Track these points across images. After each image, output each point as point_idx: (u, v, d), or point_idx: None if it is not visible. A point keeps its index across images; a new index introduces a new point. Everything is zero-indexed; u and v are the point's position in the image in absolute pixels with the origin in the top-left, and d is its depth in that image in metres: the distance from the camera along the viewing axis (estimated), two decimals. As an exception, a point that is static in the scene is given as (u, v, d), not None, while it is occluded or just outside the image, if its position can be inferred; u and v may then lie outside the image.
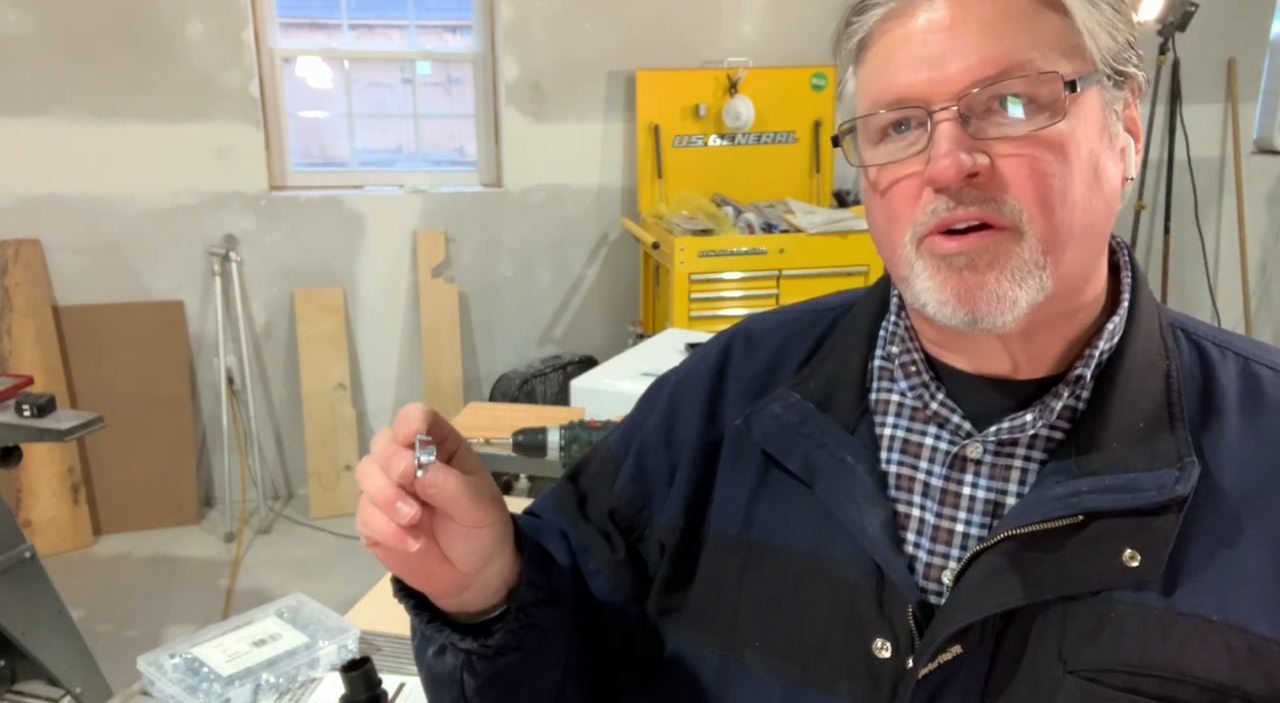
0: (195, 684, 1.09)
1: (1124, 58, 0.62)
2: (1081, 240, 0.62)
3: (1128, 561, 0.61)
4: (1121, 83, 0.63)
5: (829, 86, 3.97)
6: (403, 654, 1.19)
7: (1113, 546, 0.61)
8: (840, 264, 3.60)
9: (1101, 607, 0.61)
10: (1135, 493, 0.61)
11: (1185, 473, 0.61)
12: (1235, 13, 4.42)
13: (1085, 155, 0.61)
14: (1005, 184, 0.60)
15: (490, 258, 3.92)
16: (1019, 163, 0.60)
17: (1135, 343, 0.66)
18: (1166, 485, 0.61)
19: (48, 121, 3.36)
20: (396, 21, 3.98)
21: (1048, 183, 0.60)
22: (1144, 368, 0.66)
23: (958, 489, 0.67)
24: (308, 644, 1.17)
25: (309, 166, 3.89)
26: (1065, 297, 0.64)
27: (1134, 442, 0.63)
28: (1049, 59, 0.60)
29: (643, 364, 2.48)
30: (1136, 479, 0.62)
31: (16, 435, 2.07)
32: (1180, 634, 0.60)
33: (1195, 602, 0.60)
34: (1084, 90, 0.61)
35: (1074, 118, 0.61)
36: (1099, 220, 0.63)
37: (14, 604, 2.08)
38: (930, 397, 0.69)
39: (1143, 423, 0.64)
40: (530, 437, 1.49)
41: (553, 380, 3.83)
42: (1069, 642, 0.61)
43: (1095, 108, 0.62)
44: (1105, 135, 0.63)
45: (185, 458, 3.62)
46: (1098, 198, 0.62)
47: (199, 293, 3.63)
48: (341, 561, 3.40)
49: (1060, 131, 0.60)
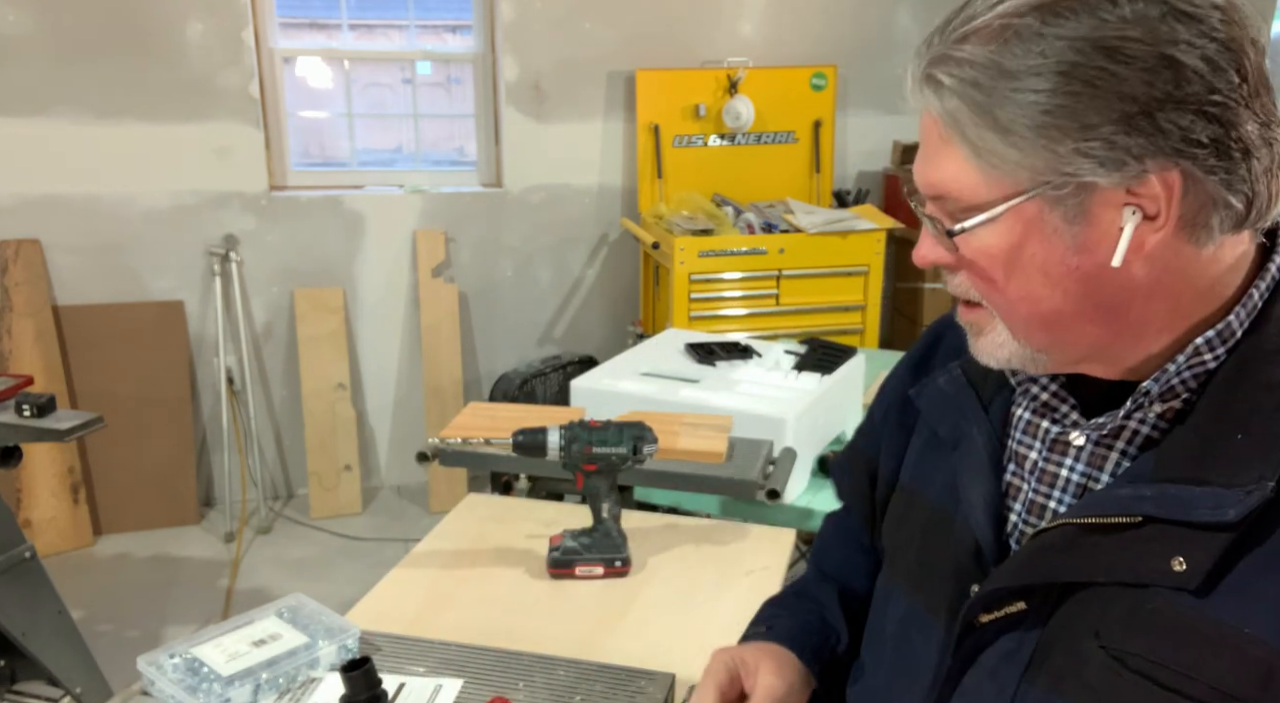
0: (195, 684, 1.09)
1: (1071, 167, 0.63)
2: (1053, 327, 0.69)
3: (1174, 565, 0.64)
4: (1090, 186, 0.64)
5: (829, 86, 3.97)
6: (403, 654, 1.19)
7: (1164, 549, 0.65)
8: (840, 264, 3.60)
9: (1142, 598, 0.66)
10: (1189, 509, 0.64)
11: (1249, 498, 0.62)
12: (1235, 13, 4.42)
13: (1020, 266, 0.68)
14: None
15: (490, 258, 3.92)
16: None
17: (1257, 356, 0.67)
18: (1222, 506, 0.63)
19: (48, 121, 3.36)
20: (396, 21, 3.98)
21: (980, 287, 0.71)
22: (1261, 382, 0.66)
23: (1056, 470, 0.75)
24: (308, 644, 1.17)
25: (309, 166, 3.89)
26: (1086, 354, 0.72)
27: (1220, 454, 0.65)
28: (958, 192, 0.68)
29: (643, 364, 2.47)
30: (1198, 494, 0.64)
31: (16, 435, 2.07)
32: (1203, 638, 0.63)
33: (1230, 613, 0.63)
34: (979, 226, 0.67)
35: (987, 237, 0.68)
36: (1073, 307, 0.68)
37: (14, 604, 2.08)
38: (1043, 389, 0.77)
39: (1241, 436, 0.65)
40: (530, 437, 1.49)
41: (553, 380, 3.83)
42: (1107, 623, 0.67)
43: (1039, 221, 0.66)
44: (1061, 239, 0.66)
45: (185, 458, 3.62)
46: (1054, 292, 0.67)
47: (199, 293, 3.63)
48: (341, 561, 3.40)
49: (967, 252, 0.70)
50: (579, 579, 1.52)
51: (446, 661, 1.18)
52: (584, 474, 1.51)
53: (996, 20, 0.64)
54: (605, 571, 1.52)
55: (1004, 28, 0.63)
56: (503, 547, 1.63)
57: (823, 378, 2.39)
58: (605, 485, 1.52)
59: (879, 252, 3.62)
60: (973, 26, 0.65)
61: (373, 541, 3.54)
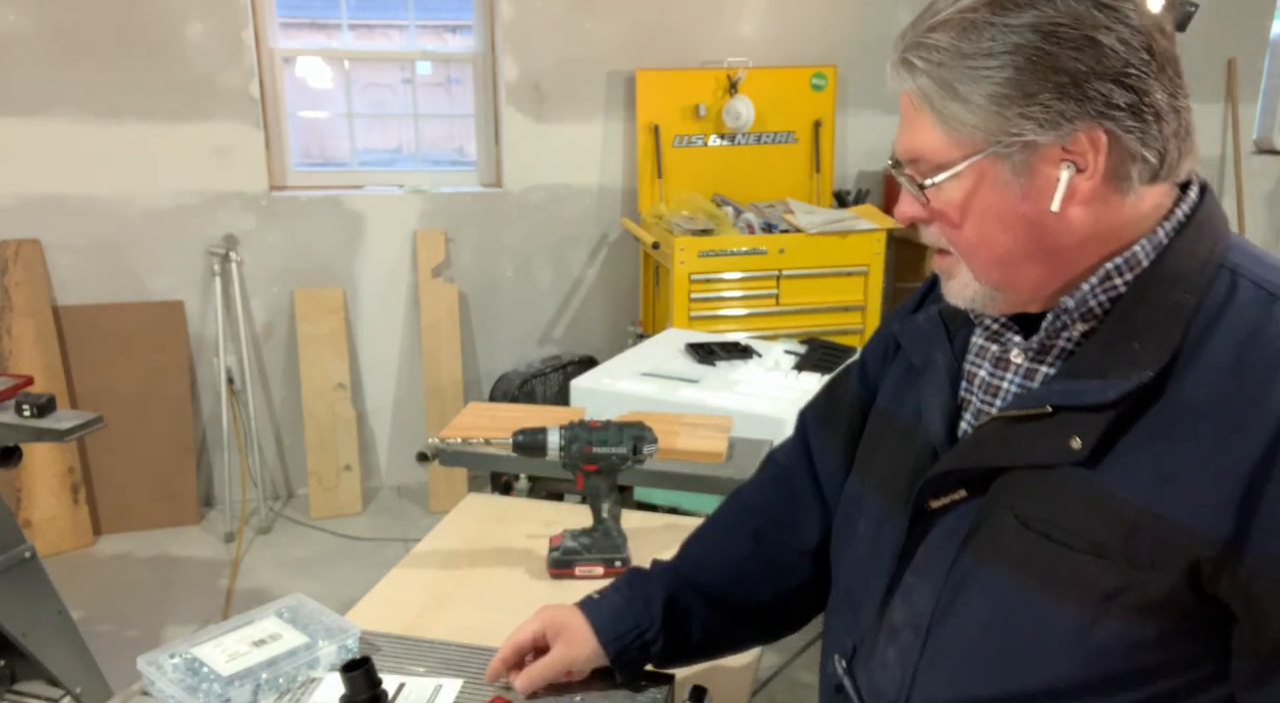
0: (195, 684, 1.09)
1: (1016, 129, 0.78)
2: (1005, 266, 0.84)
3: (1072, 444, 0.79)
4: (1032, 144, 0.78)
5: (829, 86, 3.97)
6: (403, 654, 1.19)
7: (1065, 432, 0.80)
8: (840, 264, 3.60)
9: (1049, 476, 0.81)
10: (1083, 395, 0.80)
11: (1126, 383, 0.77)
12: (1235, 13, 4.42)
13: (978, 214, 0.82)
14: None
15: (490, 258, 3.92)
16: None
17: (1156, 283, 0.81)
18: (1107, 392, 0.78)
19: (48, 121, 3.36)
20: (396, 21, 3.98)
21: (948, 233, 0.86)
22: (1159, 302, 0.80)
23: (998, 384, 0.91)
24: (308, 644, 1.17)
25: (309, 166, 3.90)
26: (1031, 294, 0.86)
27: (1119, 357, 0.79)
28: (929, 154, 0.83)
29: (643, 364, 2.47)
30: (1092, 385, 0.79)
31: (16, 435, 2.07)
32: (1087, 503, 0.79)
33: (1110, 481, 0.78)
34: (950, 179, 0.82)
35: (952, 191, 0.83)
36: (1021, 249, 0.83)
37: (14, 604, 2.08)
38: (994, 320, 0.92)
39: (1138, 344, 0.79)
40: (530, 437, 1.49)
41: (553, 380, 3.83)
42: (1021, 497, 0.83)
43: (991, 174, 0.81)
44: (1011, 189, 0.81)
45: (185, 458, 3.62)
46: (1007, 236, 0.82)
47: (199, 293, 3.63)
48: (341, 560, 3.40)
49: (937, 204, 0.84)
50: (579, 579, 1.52)
51: (446, 661, 1.18)
52: (584, 474, 1.51)
53: (956, 15, 0.80)
54: (605, 571, 1.52)
55: (962, 19, 0.79)
56: (503, 547, 1.63)
57: (822, 378, 2.39)
58: (605, 485, 1.52)
59: (879, 252, 3.63)
60: (938, 19, 0.81)
61: (373, 540, 3.54)
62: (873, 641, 0.94)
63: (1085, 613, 0.78)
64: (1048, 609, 0.80)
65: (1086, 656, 0.79)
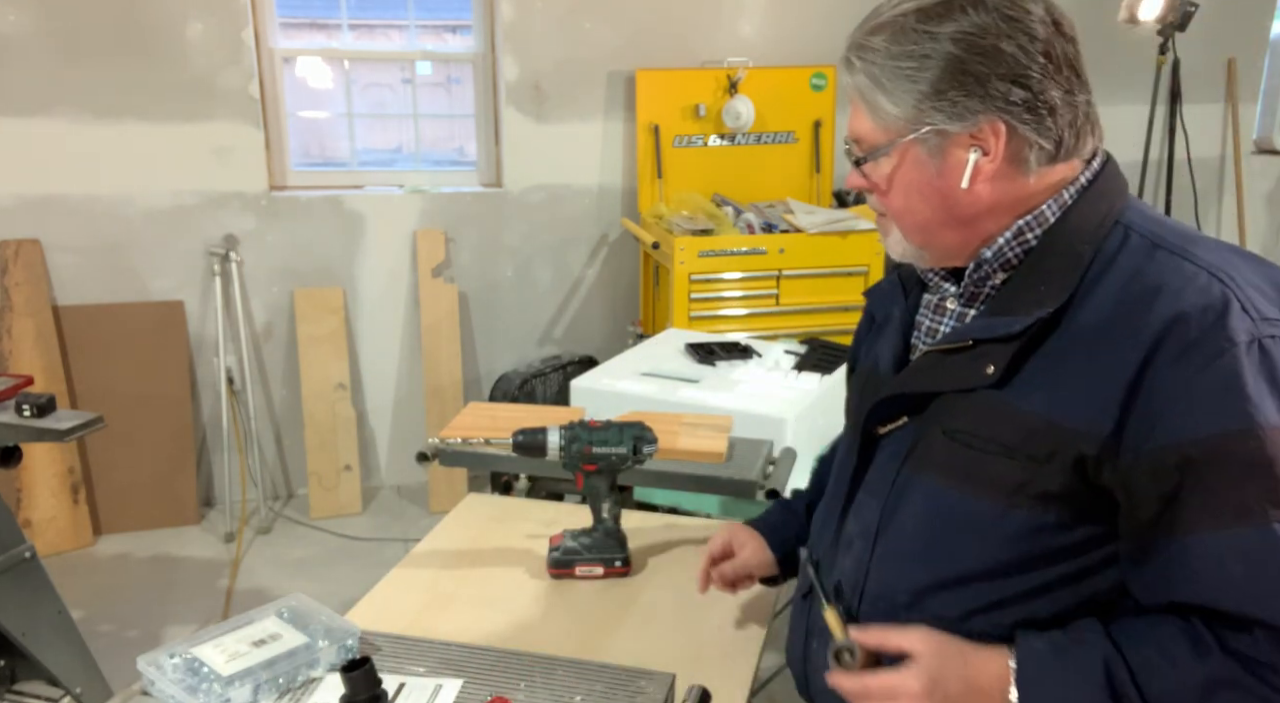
0: (195, 684, 1.09)
1: (931, 119, 0.94)
2: (925, 230, 1.01)
3: (987, 371, 0.95)
4: (944, 132, 0.95)
5: (829, 86, 3.97)
6: (403, 654, 1.19)
7: (982, 360, 0.96)
8: (840, 264, 3.60)
9: (970, 397, 0.98)
10: (996, 329, 0.95)
11: (1029, 317, 0.93)
12: (1235, 13, 4.42)
13: (902, 187, 1.00)
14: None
15: (490, 258, 3.92)
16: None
17: (1060, 237, 0.97)
18: (1014, 326, 0.94)
19: (48, 121, 3.36)
20: (396, 21, 3.98)
21: (882, 201, 1.03)
22: (1062, 252, 0.96)
23: (936, 327, 1.08)
24: (308, 644, 1.17)
25: (309, 167, 3.89)
26: (954, 252, 1.02)
27: (1027, 297, 0.95)
28: (865, 136, 1.00)
29: (643, 364, 2.47)
30: (1003, 321, 0.95)
31: (16, 435, 2.07)
32: (998, 415, 0.95)
33: (1016, 397, 0.94)
34: (880, 158, 0.99)
35: (883, 167, 0.99)
36: (937, 217, 0.99)
37: (14, 604, 2.08)
38: (935, 273, 1.08)
39: (1044, 287, 0.95)
40: (530, 437, 1.49)
41: (553, 380, 3.83)
42: (948, 416, 0.99)
43: (911, 155, 0.97)
44: (928, 168, 0.97)
45: (185, 458, 3.62)
46: (925, 206, 0.99)
47: (199, 293, 3.63)
48: (341, 560, 3.40)
49: (873, 177, 1.02)
50: (579, 579, 1.52)
51: (446, 661, 1.18)
52: (584, 474, 1.51)
53: (890, 19, 0.95)
54: (605, 571, 1.52)
55: (894, 25, 0.95)
56: (503, 547, 1.63)
57: (823, 378, 2.39)
58: (605, 485, 1.53)
59: (879, 252, 3.62)
60: (877, 23, 0.96)
61: (373, 541, 3.54)
62: (832, 553, 1.12)
63: (997, 505, 0.95)
64: (968, 505, 0.97)
65: (1001, 541, 0.96)
